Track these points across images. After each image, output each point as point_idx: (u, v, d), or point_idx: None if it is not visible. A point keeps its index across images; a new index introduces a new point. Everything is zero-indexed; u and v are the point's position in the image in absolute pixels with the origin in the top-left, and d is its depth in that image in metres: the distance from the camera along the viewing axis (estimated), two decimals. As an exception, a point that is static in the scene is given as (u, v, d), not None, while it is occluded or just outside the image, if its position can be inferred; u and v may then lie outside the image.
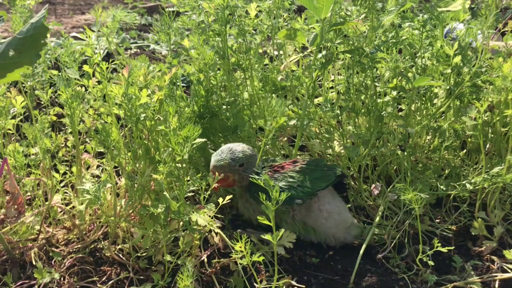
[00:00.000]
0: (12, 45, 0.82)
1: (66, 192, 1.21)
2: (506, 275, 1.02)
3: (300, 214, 1.10)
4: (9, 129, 1.36)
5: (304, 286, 1.00)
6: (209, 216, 0.99)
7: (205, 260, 1.05)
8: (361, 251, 1.03)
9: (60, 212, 1.17)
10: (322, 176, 1.08)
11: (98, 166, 1.29)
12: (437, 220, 1.20)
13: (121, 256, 1.06)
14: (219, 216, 1.15)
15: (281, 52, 1.52)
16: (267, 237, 0.90)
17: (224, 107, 1.30)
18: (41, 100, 1.82)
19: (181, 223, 1.00)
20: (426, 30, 1.18)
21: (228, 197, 1.00)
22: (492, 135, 1.20)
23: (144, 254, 1.07)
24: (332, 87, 1.48)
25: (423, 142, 1.29)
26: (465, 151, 1.30)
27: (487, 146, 1.24)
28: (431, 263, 0.96)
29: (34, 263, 1.03)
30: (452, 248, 1.01)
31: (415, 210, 0.97)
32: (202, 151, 1.24)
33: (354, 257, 1.06)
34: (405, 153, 1.18)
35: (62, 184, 1.22)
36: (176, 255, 1.03)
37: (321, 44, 1.22)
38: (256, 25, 1.34)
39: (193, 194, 1.03)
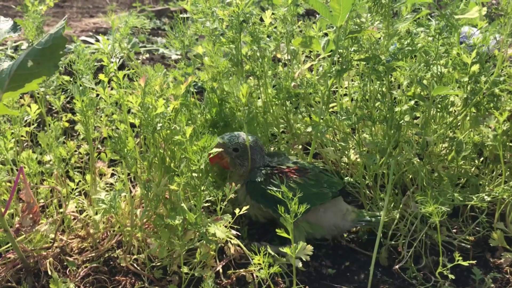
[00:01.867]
0: (31, 56, 0.82)
1: (79, 200, 1.20)
2: (526, 288, 1.00)
3: (301, 216, 1.10)
4: (23, 136, 1.36)
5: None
6: (225, 226, 0.98)
7: (220, 270, 1.05)
8: (373, 258, 1.02)
9: (74, 220, 1.17)
10: (319, 194, 1.11)
11: (112, 175, 1.28)
12: (454, 230, 1.19)
13: (135, 266, 1.06)
14: (234, 226, 1.14)
15: (294, 58, 1.51)
16: (286, 250, 0.89)
17: (238, 114, 1.29)
18: (52, 105, 1.82)
19: (197, 233, 0.99)
20: (442, 37, 1.16)
21: (244, 208, 1.00)
22: (510, 145, 1.18)
23: (159, 264, 1.06)
24: (346, 94, 1.47)
25: (438, 151, 1.27)
26: (482, 159, 1.28)
27: (505, 155, 1.22)
28: (451, 276, 0.95)
29: (49, 272, 1.02)
30: (474, 262, 1.00)
31: (431, 220, 0.96)
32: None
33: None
34: (422, 162, 1.17)
35: (76, 192, 1.21)
36: (191, 265, 1.03)
37: (336, 52, 1.21)
38: (271, 32, 1.33)
39: (208, 204, 1.02)
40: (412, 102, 1.15)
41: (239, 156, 1.13)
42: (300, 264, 0.99)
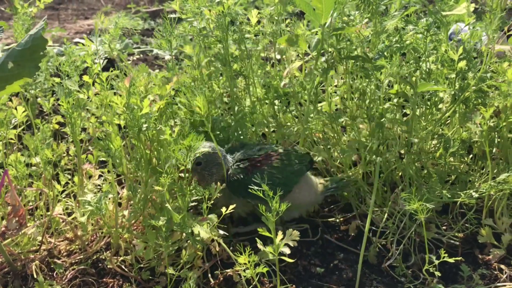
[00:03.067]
0: (11, 57, 0.81)
1: (68, 202, 1.20)
2: (514, 284, 1.00)
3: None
4: (11, 139, 1.35)
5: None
6: (212, 225, 0.98)
7: (208, 270, 1.04)
8: (361, 256, 1.02)
9: (62, 222, 1.17)
10: (295, 171, 1.14)
11: (100, 176, 1.28)
12: (444, 227, 1.18)
13: (123, 267, 1.05)
14: (221, 225, 1.13)
15: (283, 57, 1.51)
16: (269, 249, 0.89)
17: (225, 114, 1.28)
18: (43, 107, 1.82)
19: (183, 234, 0.99)
20: (430, 34, 1.16)
21: (231, 207, 0.99)
22: (498, 140, 1.18)
23: (146, 265, 1.06)
24: (336, 92, 1.46)
25: (428, 148, 1.27)
26: (471, 156, 1.28)
27: (494, 151, 1.22)
28: (438, 273, 0.94)
29: (35, 275, 1.02)
30: (460, 259, 0.99)
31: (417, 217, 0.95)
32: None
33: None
34: (409, 160, 1.16)
35: (63, 194, 1.21)
36: (179, 266, 1.02)
37: (322, 50, 1.21)
38: (258, 31, 1.32)
39: (196, 203, 1.02)
40: (395, 100, 1.14)
41: (204, 168, 1.09)
42: (288, 251, 0.96)
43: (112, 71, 1.07)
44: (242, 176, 1.09)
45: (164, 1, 4.21)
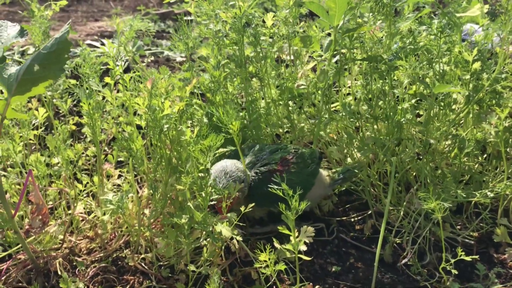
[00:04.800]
0: (37, 60, 0.83)
1: (87, 202, 1.22)
2: (530, 283, 1.01)
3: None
4: (31, 139, 1.38)
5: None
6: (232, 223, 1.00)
7: (227, 268, 1.06)
8: (377, 255, 1.03)
9: (82, 221, 1.19)
10: (310, 173, 1.16)
11: (119, 176, 1.30)
12: (458, 227, 1.19)
13: (143, 265, 1.07)
14: (240, 224, 1.15)
15: (297, 59, 1.52)
16: (288, 246, 0.91)
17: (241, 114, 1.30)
18: (59, 109, 1.85)
19: (203, 232, 1.01)
20: (444, 35, 1.17)
21: (250, 206, 1.01)
22: (513, 141, 1.19)
23: (166, 263, 1.08)
24: (349, 94, 1.48)
25: (442, 148, 1.28)
26: (485, 156, 1.29)
27: (507, 151, 1.23)
28: (454, 271, 0.95)
29: (59, 272, 1.04)
30: (477, 257, 1.00)
31: (434, 216, 0.97)
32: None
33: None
34: (424, 160, 1.18)
35: (84, 194, 1.23)
36: (198, 263, 1.04)
37: (335, 50, 1.22)
38: (273, 34, 1.34)
39: (214, 202, 1.04)
40: (413, 101, 1.15)
41: (245, 184, 1.09)
42: (305, 248, 0.97)
43: (134, 72, 1.09)
44: (264, 190, 1.07)
45: (174, 3, 4.24)
